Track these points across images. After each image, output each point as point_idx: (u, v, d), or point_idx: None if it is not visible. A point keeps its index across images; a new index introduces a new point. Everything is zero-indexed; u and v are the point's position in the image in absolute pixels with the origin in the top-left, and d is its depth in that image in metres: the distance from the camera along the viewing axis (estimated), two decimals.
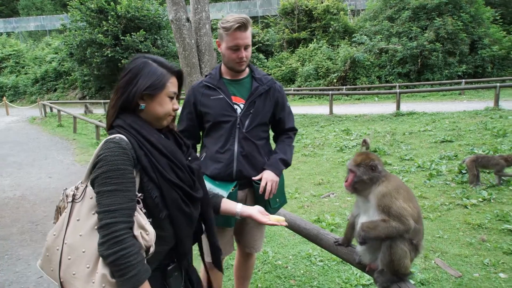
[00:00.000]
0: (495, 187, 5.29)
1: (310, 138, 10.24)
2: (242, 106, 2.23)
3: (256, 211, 1.84)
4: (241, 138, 2.21)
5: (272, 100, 2.30)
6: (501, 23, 23.83)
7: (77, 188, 1.43)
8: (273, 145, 2.51)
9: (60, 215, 1.45)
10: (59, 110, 16.51)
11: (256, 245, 2.50)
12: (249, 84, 2.29)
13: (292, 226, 2.75)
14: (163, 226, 1.45)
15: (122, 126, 1.44)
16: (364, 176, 1.86)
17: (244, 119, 2.22)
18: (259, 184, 2.23)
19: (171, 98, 1.55)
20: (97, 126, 12.05)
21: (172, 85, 1.54)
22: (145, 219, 1.37)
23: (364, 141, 7.63)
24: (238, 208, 1.82)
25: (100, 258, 1.28)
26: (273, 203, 2.30)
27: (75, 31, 23.35)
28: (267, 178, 2.20)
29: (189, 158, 1.64)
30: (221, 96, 2.19)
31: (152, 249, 1.37)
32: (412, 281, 3.19)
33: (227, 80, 2.28)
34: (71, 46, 23.93)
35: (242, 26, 2.06)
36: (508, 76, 19.76)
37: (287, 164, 2.35)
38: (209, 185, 2.13)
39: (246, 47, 2.14)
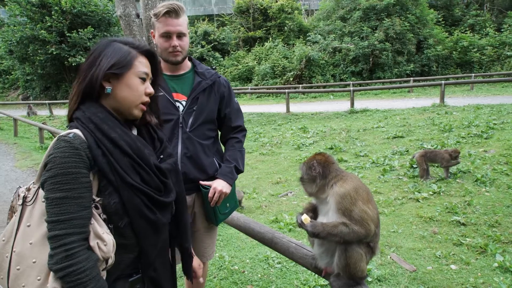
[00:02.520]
0: (444, 180, 5.49)
1: (267, 137, 10.19)
2: (184, 103, 2.05)
3: (197, 264, 1.73)
4: (185, 138, 2.03)
5: (217, 95, 2.13)
6: (443, 25, 25.44)
7: (28, 190, 1.25)
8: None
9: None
10: None
11: (208, 253, 2.30)
12: (191, 79, 2.11)
13: (246, 230, 2.60)
14: (124, 234, 1.27)
15: (80, 119, 1.24)
16: (305, 175, 1.78)
17: (187, 117, 2.04)
18: (208, 188, 2.05)
19: (143, 80, 1.34)
20: (40, 129, 11.18)
21: (141, 64, 1.33)
22: (103, 227, 1.19)
23: None
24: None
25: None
26: (222, 208, 2.15)
27: (14, 26, 21.62)
28: (217, 188, 2.04)
29: (161, 156, 1.44)
30: (161, 93, 1.97)
31: (110, 261, 1.20)
32: (369, 279, 3.18)
33: (167, 76, 2.07)
34: (10, 42, 22.13)
35: (172, 12, 1.90)
36: (451, 74, 21.11)
37: (239, 172, 2.22)
38: None
39: (179, 35, 1.97)
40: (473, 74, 19.71)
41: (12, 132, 13.22)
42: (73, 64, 21.56)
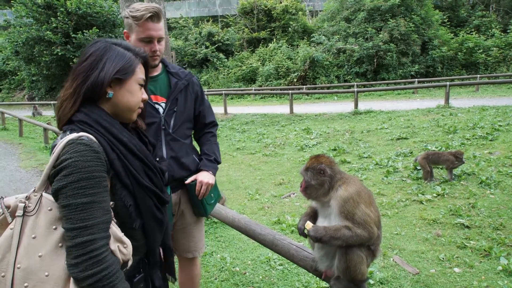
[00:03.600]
0: (448, 182, 5.45)
1: (271, 138, 10.17)
2: (163, 105, 2.05)
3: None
4: (168, 140, 2.06)
5: (192, 94, 2.17)
6: (448, 26, 25.30)
7: (28, 198, 1.17)
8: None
9: None
10: (2, 113, 15.32)
11: (199, 247, 2.31)
12: (165, 80, 2.10)
13: (248, 232, 2.59)
14: (134, 236, 1.31)
15: (87, 122, 1.22)
16: (312, 181, 1.74)
17: (168, 119, 2.05)
18: (193, 184, 2.10)
19: (141, 86, 1.37)
20: (45, 129, 11.24)
21: (140, 71, 1.36)
22: (120, 231, 1.21)
23: None
24: None
25: (71, 281, 1.09)
26: (209, 199, 2.21)
27: (20, 27, 21.76)
28: (203, 180, 2.10)
29: (157, 159, 1.50)
30: None
31: (130, 262, 1.23)
32: (372, 281, 3.16)
33: None
34: (16, 43, 22.27)
35: (155, 16, 1.89)
36: (456, 76, 20.97)
37: (218, 163, 2.31)
38: None
39: (159, 40, 1.97)
40: (478, 75, 19.59)
41: (17, 132, 13.31)
42: None
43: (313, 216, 1.87)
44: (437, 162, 5.56)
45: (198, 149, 2.36)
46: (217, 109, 15.86)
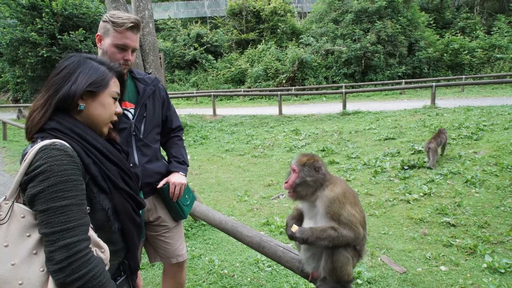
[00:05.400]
0: (434, 181, 5.52)
1: (260, 139, 10.17)
2: (132, 111, 2.05)
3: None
4: (140, 146, 2.06)
5: (159, 100, 2.19)
6: (434, 27, 25.71)
7: None
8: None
9: None
10: None
11: (182, 251, 2.28)
12: (132, 86, 2.09)
13: (235, 234, 2.58)
14: (113, 240, 1.31)
15: (59, 129, 1.22)
16: (308, 177, 1.71)
17: (138, 124, 2.05)
18: (166, 187, 2.10)
19: (114, 99, 1.38)
20: None
21: (114, 84, 1.37)
22: (96, 236, 1.22)
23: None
24: None
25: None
26: (184, 201, 2.22)
27: (4, 28, 21.32)
28: (176, 182, 2.10)
29: (131, 165, 1.54)
30: None
31: (107, 267, 1.22)
32: (360, 281, 3.17)
33: None
34: (0, 45, 21.85)
35: (135, 27, 1.92)
36: (442, 77, 21.31)
37: (187, 165, 2.33)
38: None
39: (133, 50, 1.98)
40: (463, 76, 19.93)
41: (1, 136, 13.04)
42: None
43: (299, 218, 1.86)
44: (442, 141, 6.22)
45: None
46: (206, 111, 15.81)
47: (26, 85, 25.03)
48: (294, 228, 1.71)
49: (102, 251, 1.21)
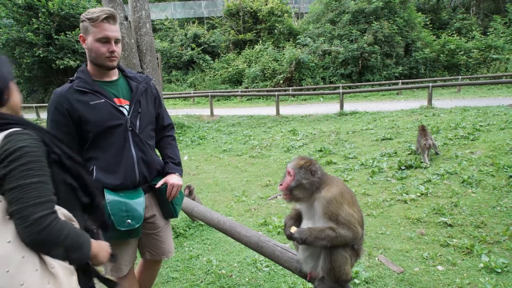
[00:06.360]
0: (431, 181, 5.54)
1: (257, 140, 10.17)
2: (127, 107, 2.08)
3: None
4: (137, 141, 2.09)
5: (151, 97, 2.24)
6: (430, 28, 25.82)
7: None
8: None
9: None
10: None
11: (172, 249, 2.38)
12: (125, 84, 2.14)
13: (233, 234, 2.58)
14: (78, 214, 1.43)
15: (11, 122, 1.31)
16: (304, 180, 1.73)
17: (134, 120, 2.08)
18: (164, 187, 2.17)
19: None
20: None
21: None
22: (66, 210, 1.32)
23: (188, 187, 4.99)
24: None
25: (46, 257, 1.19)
26: (177, 201, 2.30)
27: (0, 28, 21.24)
28: (174, 183, 2.18)
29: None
30: (103, 100, 1.98)
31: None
32: (357, 281, 3.18)
33: (103, 82, 2.07)
34: None
35: (110, 18, 1.93)
36: (439, 77, 21.40)
37: (181, 165, 2.39)
38: (115, 198, 1.94)
39: (116, 41, 1.98)
40: (460, 77, 20.01)
41: None
42: (61, 67, 21.20)
43: (297, 219, 1.87)
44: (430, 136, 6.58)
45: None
46: (204, 111, 15.80)
47: (22, 86, 24.94)
48: (293, 229, 1.72)
49: (72, 223, 1.30)
